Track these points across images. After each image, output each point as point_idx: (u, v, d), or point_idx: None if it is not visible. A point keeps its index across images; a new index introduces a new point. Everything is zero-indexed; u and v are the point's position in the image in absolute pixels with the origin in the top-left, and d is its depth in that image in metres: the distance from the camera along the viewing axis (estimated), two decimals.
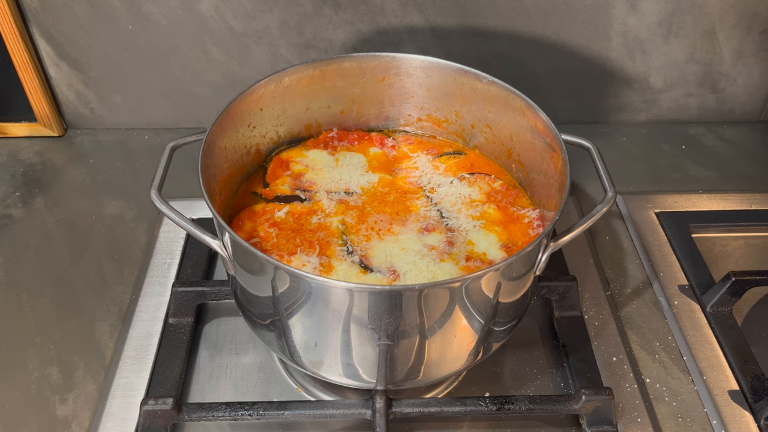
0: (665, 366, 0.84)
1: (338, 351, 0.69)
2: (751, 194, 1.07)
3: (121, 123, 1.19)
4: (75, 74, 1.11)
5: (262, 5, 1.04)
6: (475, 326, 0.69)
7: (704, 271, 0.93)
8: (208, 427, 0.77)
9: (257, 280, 0.68)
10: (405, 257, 0.74)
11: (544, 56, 1.13)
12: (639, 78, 1.16)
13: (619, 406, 0.79)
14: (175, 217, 0.68)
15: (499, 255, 0.75)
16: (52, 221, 1.02)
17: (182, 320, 0.86)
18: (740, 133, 1.21)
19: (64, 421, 0.77)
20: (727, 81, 1.17)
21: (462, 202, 0.82)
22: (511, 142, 0.85)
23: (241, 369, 0.83)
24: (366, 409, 0.73)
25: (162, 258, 0.95)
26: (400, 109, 0.92)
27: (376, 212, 0.80)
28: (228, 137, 0.79)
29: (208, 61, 1.10)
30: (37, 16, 1.04)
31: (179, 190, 0.94)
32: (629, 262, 0.97)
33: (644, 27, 1.10)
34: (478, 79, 0.83)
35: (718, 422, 0.78)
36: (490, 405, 0.74)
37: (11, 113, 1.14)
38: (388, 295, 0.62)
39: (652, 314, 0.90)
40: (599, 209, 0.70)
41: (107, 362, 0.83)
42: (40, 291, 0.91)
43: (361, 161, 0.88)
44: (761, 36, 1.12)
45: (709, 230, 1.01)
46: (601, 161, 0.76)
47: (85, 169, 1.11)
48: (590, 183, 1.09)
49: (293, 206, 0.81)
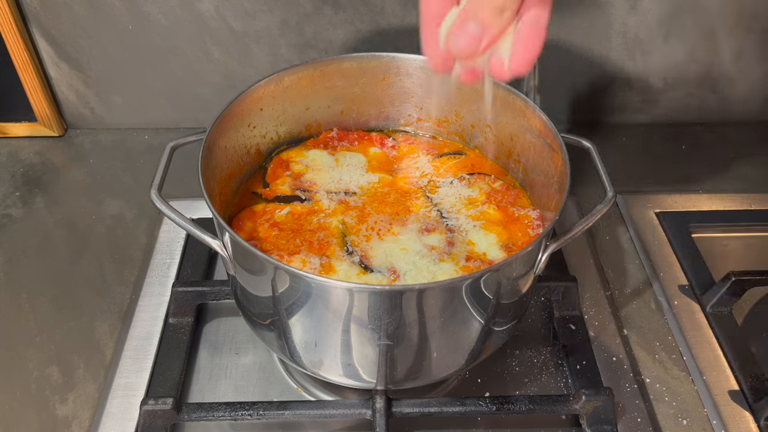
0: (665, 366, 0.84)
1: (338, 351, 0.69)
2: (751, 194, 1.07)
3: (121, 123, 1.19)
4: (75, 74, 1.11)
5: (262, 5, 1.04)
6: (475, 326, 0.69)
7: (704, 271, 0.93)
8: (208, 427, 0.77)
9: (257, 280, 0.68)
10: (405, 257, 0.74)
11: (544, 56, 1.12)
12: (639, 78, 1.16)
13: (619, 406, 0.79)
14: (175, 217, 0.68)
15: (499, 255, 0.75)
16: (52, 221, 1.02)
17: (182, 320, 0.86)
18: (740, 133, 1.21)
19: (64, 421, 0.77)
20: (727, 81, 1.17)
21: (462, 202, 0.82)
22: (511, 142, 0.85)
23: (241, 369, 0.83)
24: (366, 409, 0.73)
25: (162, 258, 0.95)
26: (400, 109, 0.92)
27: (376, 212, 0.80)
28: (228, 137, 0.79)
29: (208, 61, 1.10)
30: (37, 16, 1.04)
31: (179, 190, 0.94)
32: (629, 262, 0.97)
33: (644, 27, 1.09)
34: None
35: (718, 422, 0.78)
36: (490, 405, 0.74)
37: (11, 113, 1.14)
38: (388, 295, 0.62)
39: (652, 314, 0.90)
40: (599, 209, 0.70)
41: (107, 362, 0.83)
42: (40, 291, 0.91)
43: (361, 161, 0.88)
44: (761, 36, 1.12)
45: (709, 230, 1.01)
46: (601, 161, 0.75)
47: (85, 169, 1.11)
48: (590, 183, 1.09)
49: (293, 206, 0.81)
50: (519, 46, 0.53)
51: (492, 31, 0.52)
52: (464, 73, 0.57)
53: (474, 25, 0.51)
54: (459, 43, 0.52)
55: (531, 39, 0.52)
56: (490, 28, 0.51)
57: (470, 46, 0.52)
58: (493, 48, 0.53)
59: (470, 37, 0.52)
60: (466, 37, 0.52)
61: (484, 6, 0.50)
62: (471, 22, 0.51)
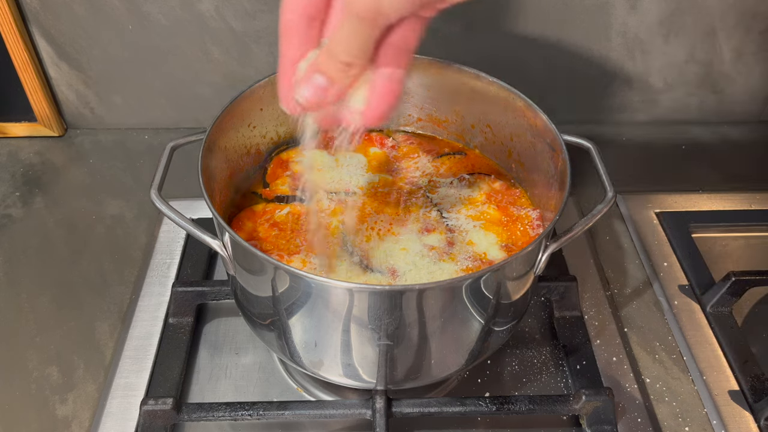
0: (665, 366, 0.84)
1: (338, 351, 0.69)
2: (751, 194, 1.07)
3: (121, 123, 1.19)
4: (75, 74, 1.11)
5: (262, 5, 1.04)
6: (475, 326, 0.69)
7: (704, 271, 0.93)
8: (208, 427, 0.77)
9: (257, 280, 0.68)
10: (405, 257, 0.74)
11: (544, 56, 1.13)
12: (639, 78, 1.16)
13: (619, 406, 0.79)
14: (175, 217, 0.68)
15: (499, 255, 0.75)
16: (52, 221, 1.02)
17: (182, 320, 0.86)
18: (740, 133, 1.21)
19: (64, 421, 0.77)
20: (727, 81, 1.17)
21: (462, 202, 0.82)
22: (511, 142, 0.85)
23: (241, 369, 0.83)
24: (366, 409, 0.73)
25: (162, 258, 0.95)
26: (400, 109, 0.92)
27: (376, 212, 0.80)
28: (228, 137, 0.79)
29: (208, 61, 1.10)
30: (37, 16, 1.04)
31: (179, 190, 0.94)
32: (629, 262, 0.97)
33: (644, 27, 1.10)
34: (478, 79, 0.83)
35: (718, 422, 0.78)
36: (490, 405, 0.74)
37: (11, 113, 1.14)
38: (388, 295, 0.62)
39: (652, 314, 0.90)
40: (599, 209, 0.70)
41: (107, 362, 0.83)
42: (40, 291, 0.91)
43: (361, 161, 0.88)
44: (761, 36, 1.12)
45: (709, 230, 1.01)
46: (601, 161, 0.75)
47: (85, 169, 1.11)
48: (590, 183, 1.09)
49: (293, 206, 0.81)
50: (373, 99, 0.53)
51: (338, 86, 0.52)
52: (319, 119, 0.58)
53: (320, 78, 0.52)
54: (304, 94, 0.53)
55: (385, 92, 0.52)
56: (336, 83, 0.52)
57: (316, 98, 0.53)
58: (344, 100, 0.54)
59: (316, 89, 0.52)
60: (312, 88, 0.52)
61: (331, 61, 0.51)
62: (317, 75, 0.52)
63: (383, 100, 0.53)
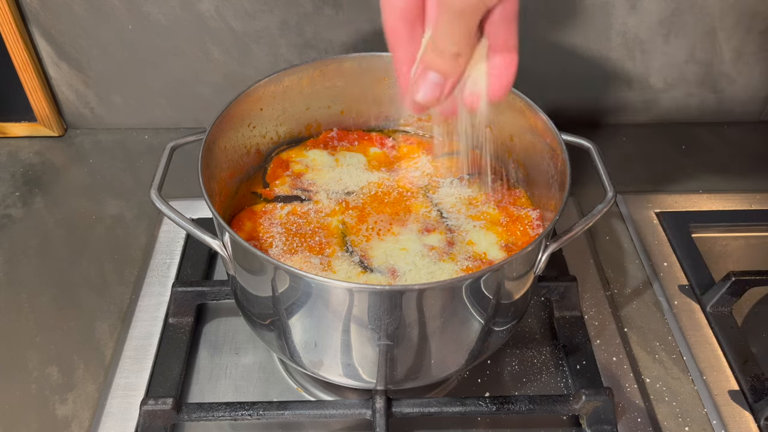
0: (665, 366, 0.84)
1: (338, 351, 0.69)
2: (751, 194, 1.07)
3: (121, 123, 1.19)
4: (75, 74, 1.11)
5: (262, 5, 1.04)
6: (475, 326, 0.69)
7: (704, 271, 0.93)
8: (208, 427, 0.77)
9: (257, 280, 0.68)
10: (405, 257, 0.74)
11: (545, 56, 1.13)
12: (639, 78, 1.16)
13: (619, 406, 0.79)
14: (175, 217, 0.68)
15: (499, 255, 0.75)
16: (52, 221, 1.02)
17: (182, 320, 0.86)
18: (740, 133, 1.21)
19: (64, 421, 0.77)
20: (727, 81, 1.17)
21: (462, 202, 0.82)
22: (511, 142, 0.85)
23: (241, 369, 0.83)
24: (366, 409, 0.73)
25: (162, 258, 0.95)
26: (400, 109, 0.92)
27: (376, 212, 0.80)
28: (228, 137, 0.79)
29: (208, 61, 1.10)
30: (37, 16, 1.04)
31: (179, 190, 0.95)
32: (629, 262, 0.97)
33: (644, 27, 1.10)
34: None
35: (718, 422, 0.78)
36: (490, 405, 0.74)
37: (11, 113, 1.14)
38: (388, 295, 0.62)
39: (652, 314, 0.90)
40: (599, 209, 0.70)
41: (107, 362, 0.83)
42: (40, 291, 0.91)
43: (361, 161, 0.88)
44: (761, 36, 1.12)
45: (709, 230, 1.01)
46: (601, 161, 0.75)
47: (85, 169, 1.11)
48: (590, 183, 1.09)
49: (293, 206, 0.81)
50: (494, 76, 0.54)
51: (452, 78, 0.53)
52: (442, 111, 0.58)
53: (434, 75, 0.52)
54: (422, 93, 0.53)
55: (505, 65, 0.53)
56: (450, 76, 0.52)
57: (434, 94, 0.53)
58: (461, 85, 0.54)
59: (433, 86, 0.53)
60: (429, 86, 0.53)
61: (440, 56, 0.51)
62: (431, 72, 0.52)
63: (505, 74, 0.53)
